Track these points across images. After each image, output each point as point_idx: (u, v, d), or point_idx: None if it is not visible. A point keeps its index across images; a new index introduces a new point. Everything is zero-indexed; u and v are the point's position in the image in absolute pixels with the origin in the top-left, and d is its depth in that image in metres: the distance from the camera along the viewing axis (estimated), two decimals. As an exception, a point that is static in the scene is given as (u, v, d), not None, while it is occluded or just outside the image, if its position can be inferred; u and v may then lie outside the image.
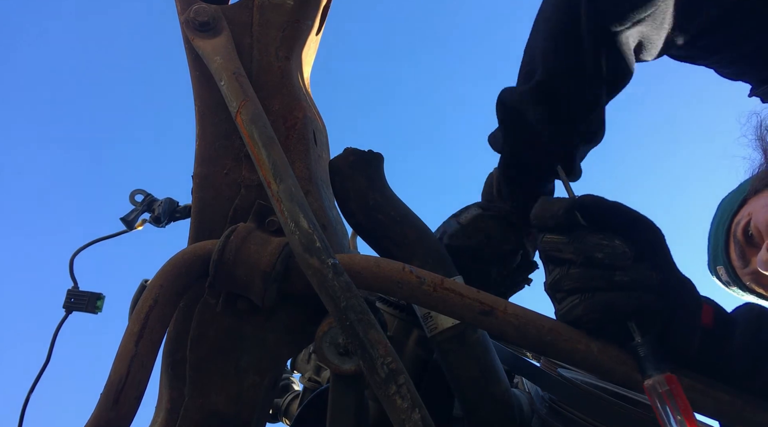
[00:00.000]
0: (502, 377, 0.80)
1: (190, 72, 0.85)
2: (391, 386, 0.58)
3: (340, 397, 0.71)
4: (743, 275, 1.19)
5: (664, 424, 0.56)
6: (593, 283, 0.62)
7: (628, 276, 0.61)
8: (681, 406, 0.56)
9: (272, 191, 0.68)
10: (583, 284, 0.63)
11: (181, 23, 0.84)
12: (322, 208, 0.82)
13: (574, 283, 0.63)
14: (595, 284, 0.62)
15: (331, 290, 0.61)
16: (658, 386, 0.57)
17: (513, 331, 0.63)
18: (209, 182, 0.81)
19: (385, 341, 0.60)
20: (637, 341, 0.61)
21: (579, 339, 0.63)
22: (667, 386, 0.57)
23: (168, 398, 0.78)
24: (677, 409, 0.56)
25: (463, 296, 0.64)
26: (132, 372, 0.60)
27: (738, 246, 1.16)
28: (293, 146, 0.82)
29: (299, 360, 1.66)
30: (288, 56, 0.86)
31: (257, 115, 0.74)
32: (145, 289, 0.66)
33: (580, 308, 0.63)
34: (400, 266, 0.66)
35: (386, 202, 0.83)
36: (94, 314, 1.34)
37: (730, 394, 0.62)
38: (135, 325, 0.62)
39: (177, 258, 0.69)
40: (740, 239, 1.15)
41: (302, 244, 0.63)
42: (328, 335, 0.68)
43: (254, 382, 0.77)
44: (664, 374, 0.58)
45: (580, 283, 0.63)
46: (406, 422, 0.56)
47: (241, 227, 0.72)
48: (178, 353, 0.78)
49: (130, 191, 1.38)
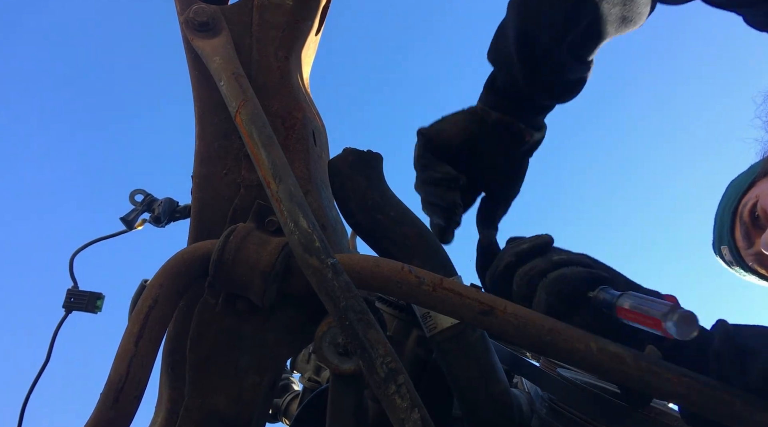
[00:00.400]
0: (502, 377, 0.80)
1: (190, 72, 0.85)
2: (391, 386, 0.58)
3: (339, 397, 0.71)
4: (746, 256, 1.18)
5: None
6: (539, 268, 0.70)
7: (563, 255, 0.71)
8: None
9: (272, 191, 0.68)
10: (531, 274, 0.71)
11: (181, 23, 0.84)
12: (322, 208, 0.82)
13: (526, 278, 0.71)
14: (541, 267, 0.70)
15: (331, 290, 0.61)
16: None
17: (513, 331, 0.63)
18: (209, 182, 0.81)
19: (384, 340, 0.60)
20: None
21: (579, 339, 0.63)
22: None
23: (168, 398, 0.79)
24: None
25: (462, 295, 0.64)
26: (132, 372, 0.60)
27: (743, 227, 1.16)
28: (292, 146, 0.82)
29: (299, 360, 1.66)
30: (287, 56, 0.86)
31: (257, 115, 0.75)
32: (145, 289, 0.66)
33: (543, 293, 0.68)
34: (400, 266, 0.66)
35: (385, 202, 0.83)
36: (94, 313, 1.35)
37: (730, 394, 0.62)
38: (135, 325, 0.63)
39: (177, 258, 0.69)
40: (746, 219, 1.14)
41: (302, 244, 0.63)
42: (327, 335, 0.69)
43: (254, 382, 0.77)
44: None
45: (529, 275, 0.71)
46: (406, 421, 0.56)
47: (241, 227, 0.72)
48: (178, 353, 0.78)
49: (130, 191, 1.38)
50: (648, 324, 0.58)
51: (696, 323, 0.56)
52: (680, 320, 0.55)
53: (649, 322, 0.57)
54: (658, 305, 0.57)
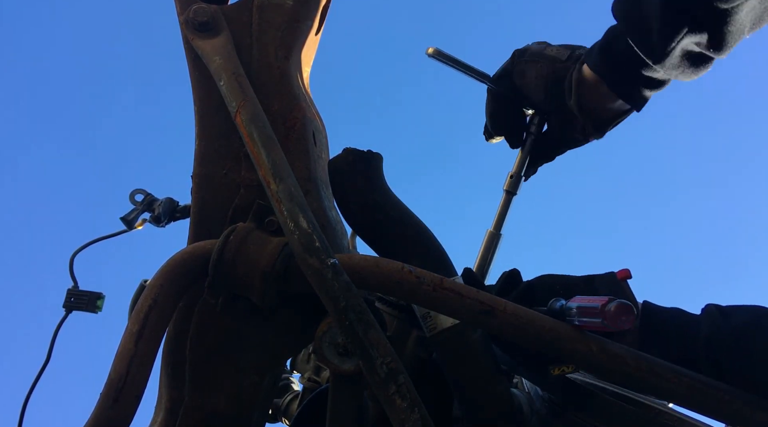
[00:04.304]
0: (502, 377, 0.80)
1: (190, 72, 0.85)
2: (391, 386, 0.58)
3: (339, 397, 0.71)
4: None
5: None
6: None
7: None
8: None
9: (272, 191, 0.68)
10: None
11: (181, 23, 0.84)
12: (322, 208, 0.82)
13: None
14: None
15: (331, 290, 0.61)
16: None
17: (513, 331, 0.63)
18: (209, 182, 0.81)
19: (384, 340, 0.60)
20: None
21: (579, 339, 0.63)
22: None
23: (168, 398, 0.78)
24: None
25: (462, 296, 0.64)
26: (132, 372, 0.60)
27: None
28: (292, 146, 0.82)
29: (299, 360, 1.66)
30: (287, 56, 0.86)
31: (256, 115, 0.75)
32: (145, 289, 0.66)
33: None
34: (400, 266, 0.66)
35: (385, 202, 0.83)
36: (94, 313, 1.34)
37: (731, 394, 0.62)
38: (135, 325, 0.63)
39: (176, 258, 0.69)
40: None
41: (302, 244, 0.63)
42: (327, 335, 0.68)
43: (254, 382, 0.77)
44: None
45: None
46: (406, 421, 0.57)
47: (241, 227, 0.72)
48: (178, 353, 0.78)
49: (130, 191, 1.37)
50: (593, 308, 0.61)
51: (631, 312, 0.59)
52: (616, 310, 0.59)
53: (596, 302, 0.61)
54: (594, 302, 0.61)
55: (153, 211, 1.36)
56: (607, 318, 0.59)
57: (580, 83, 1.02)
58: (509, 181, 1.17)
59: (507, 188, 1.17)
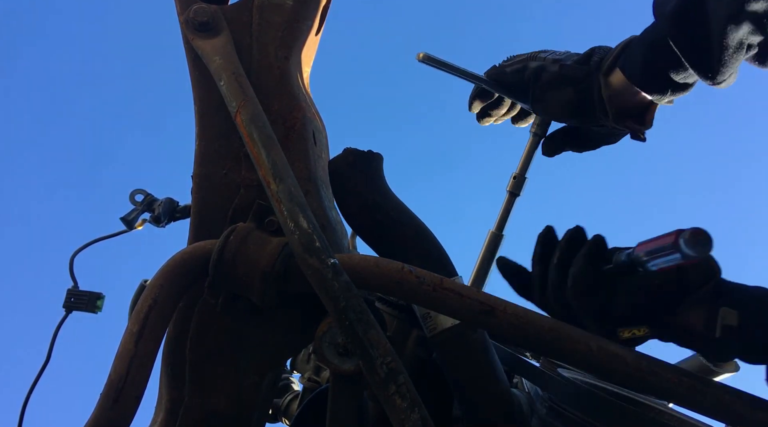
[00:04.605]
0: (502, 377, 0.80)
1: (190, 72, 0.85)
2: (391, 386, 0.58)
3: (339, 397, 0.71)
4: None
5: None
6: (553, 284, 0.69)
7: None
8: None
9: (272, 191, 0.68)
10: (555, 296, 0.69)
11: (181, 23, 0.84)
12: (322, 208, 0.82)
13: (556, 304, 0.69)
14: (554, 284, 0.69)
15: (331, 290, 0.61)
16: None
17: (513, 331, 0.63)
18: (209, 182, 0.81)
19: (384, 340, 0.60)
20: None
21: (579, 339, 0.63)
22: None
23: (168, 398, 0.78)
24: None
25: (462, 296, 0.64)
26: (132, 372, 0.61)
27: None
28: (292, 146, 0.82)
29: (299, 360, 1.66)
30: (287, 56, 0.86)
31: (256, 115, 0.75)
32: (145, 289, 0.66)
33: (575, 304, 0.66)
34: (400, 266, 0.66)
35: (386, 202, 0.83)
36: (94, 313, 1.34)
37: (731, 394, 0.62)
38: (135, 325, 0.63)
39: (176, 258, 0.69)
40: None
41: (302, 244, 0.63)
42: (327, 335, 0.69)
43: (254, 382, 0.77)
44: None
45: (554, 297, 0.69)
46: (406, 421, 0.57)
47: (241, 227, 0.72)
48: (178, 353, 0.78)
49: (130, 191, 1.38)
50: (665, 245, 0.56)
51: (708, 238, 0.54)
52: (692, 236, 0.53)
53: (667, 240, 0.56)
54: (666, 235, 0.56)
55: (153, 211, 1.36)
56: (686, 246, 0.53)
57: (611, 100, 0.98)
58: (512, 182, 1.16)
59: (510, 189, 1.17)
